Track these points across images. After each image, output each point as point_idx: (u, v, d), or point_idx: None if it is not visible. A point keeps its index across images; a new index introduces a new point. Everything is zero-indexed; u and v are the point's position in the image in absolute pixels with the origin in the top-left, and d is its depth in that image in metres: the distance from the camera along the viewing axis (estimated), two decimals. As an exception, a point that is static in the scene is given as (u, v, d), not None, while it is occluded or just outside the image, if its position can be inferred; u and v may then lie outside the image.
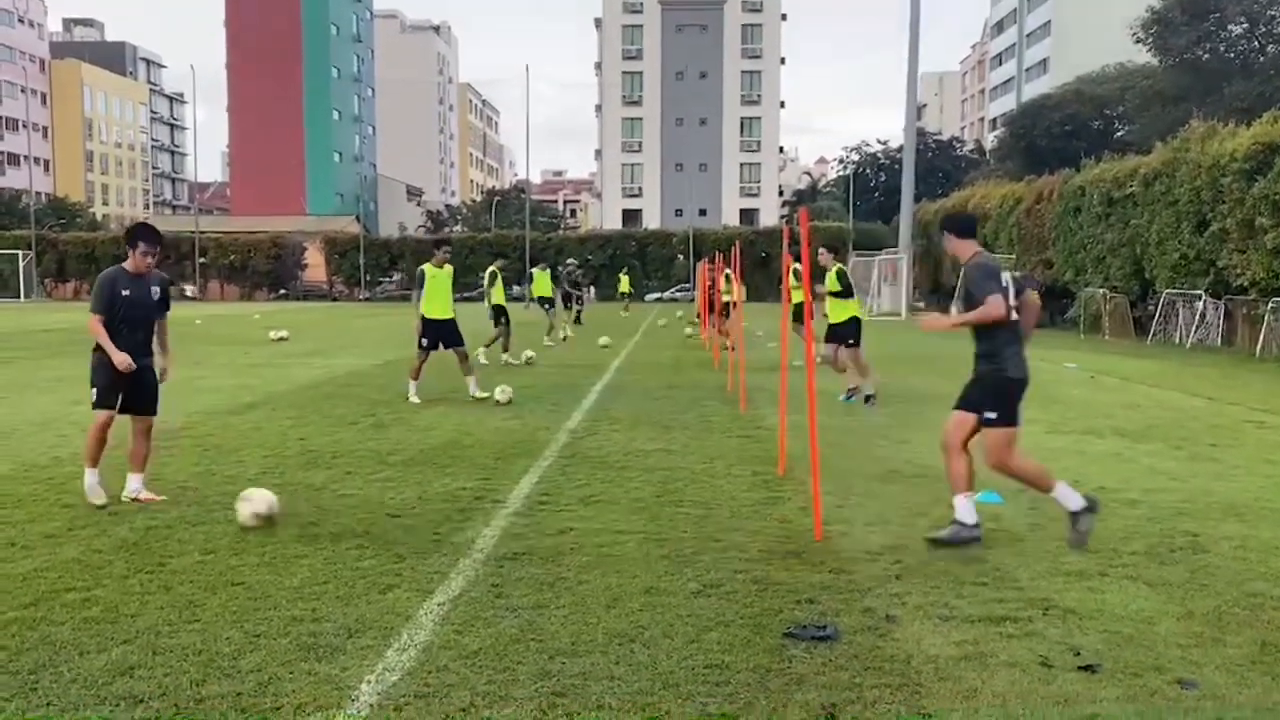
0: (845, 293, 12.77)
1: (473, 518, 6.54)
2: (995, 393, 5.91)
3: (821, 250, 12.82)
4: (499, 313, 17.88)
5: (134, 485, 7.07)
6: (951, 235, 6.22)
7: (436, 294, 12.83)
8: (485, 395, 12.51)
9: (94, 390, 6.96)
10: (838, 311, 12.81)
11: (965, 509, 5.90)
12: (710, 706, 3.71)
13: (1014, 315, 5.95)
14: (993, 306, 5.75)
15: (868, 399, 12.40)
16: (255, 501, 6.30)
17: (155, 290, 7.06)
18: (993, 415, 5.85)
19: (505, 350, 18.11)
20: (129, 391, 6.98)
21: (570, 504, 6.94)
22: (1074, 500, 5.90)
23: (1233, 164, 22.98)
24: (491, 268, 17.95)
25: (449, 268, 13.13)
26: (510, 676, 3.97)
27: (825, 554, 5.71)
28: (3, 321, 34.88)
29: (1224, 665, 4.13)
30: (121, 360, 6.77)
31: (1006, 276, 6.02)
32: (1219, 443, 9.78)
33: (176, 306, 8.30)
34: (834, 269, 12.86)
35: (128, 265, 7.00)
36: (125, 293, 6.91)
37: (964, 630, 4.51)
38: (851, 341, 12.71)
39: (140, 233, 7.07)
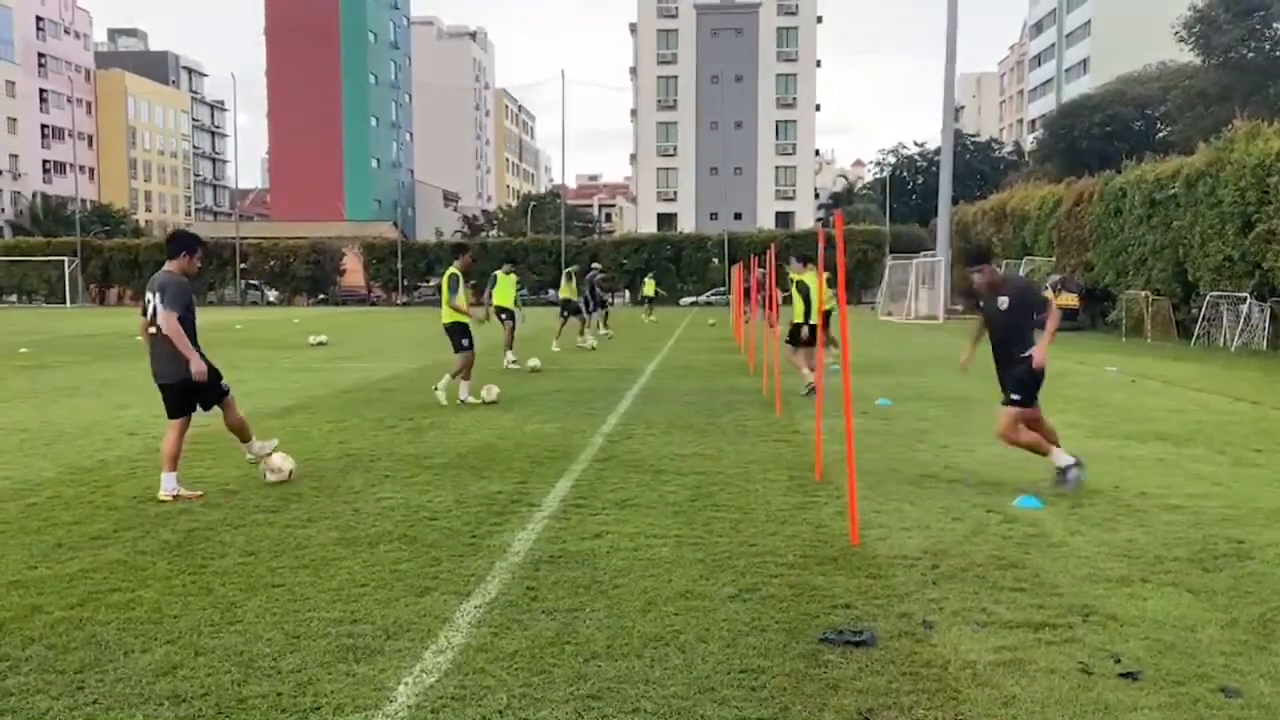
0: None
1: (509, 521, 6.58)
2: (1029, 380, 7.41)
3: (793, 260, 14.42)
4: (502, 314, 18.07)
5: (255, 448, 7.74)
6: (986, 266, 7.48)
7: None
8: (476, 400, 12.69)
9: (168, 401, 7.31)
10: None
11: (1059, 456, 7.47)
12: (746, 711, 3.70)
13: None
14: (1056, 308, 7.49)
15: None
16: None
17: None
18: (1017, 397, 7.33)
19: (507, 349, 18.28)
20: (203, 391, 7.33)
21: (605, 508, 6.96)
22: (1063, 459, 7.43)
23: (1279, 164, 22.59)
24: (498, 271, 18.26)
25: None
26: (546, 679, 3.99)
27: (862, 559, 5.69)
28: (50, 326, 35.52)
29: (1269, 673, 4.06)
30: (199, 369, 7.10)
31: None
32: (1264, 448, 9.61)
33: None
34: (797, 278, 14.01)
35: (177, 269, 7.28)
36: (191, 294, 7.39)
37: (1002, 636, 4.47)
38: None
39: (193, 238, 7.59)
